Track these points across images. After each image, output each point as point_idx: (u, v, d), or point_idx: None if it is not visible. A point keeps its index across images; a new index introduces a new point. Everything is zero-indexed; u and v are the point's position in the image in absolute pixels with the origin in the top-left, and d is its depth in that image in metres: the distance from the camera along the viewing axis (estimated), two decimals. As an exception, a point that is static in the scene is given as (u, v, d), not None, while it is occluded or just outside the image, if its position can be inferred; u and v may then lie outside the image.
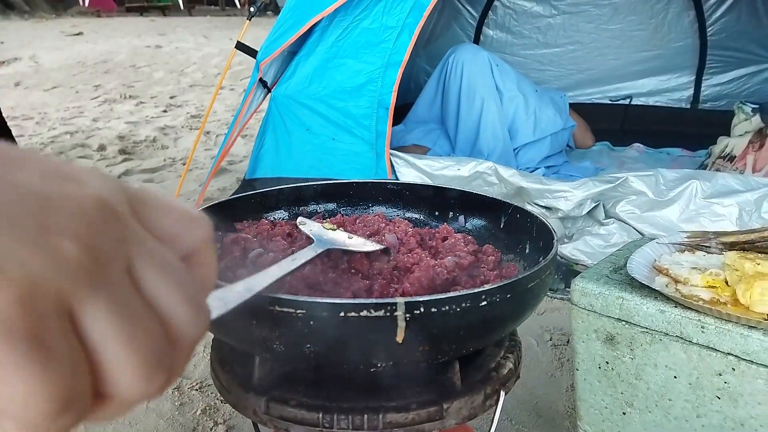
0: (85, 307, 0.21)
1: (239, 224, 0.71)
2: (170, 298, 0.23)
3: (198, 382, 1.35)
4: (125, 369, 0.21)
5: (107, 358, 0.21)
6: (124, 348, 0.21)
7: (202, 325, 0.25)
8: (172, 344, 0.24)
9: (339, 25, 2.07)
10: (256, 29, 3.12)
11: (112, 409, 0.22)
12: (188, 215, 0.26)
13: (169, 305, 0.23)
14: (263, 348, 0.46)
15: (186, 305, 0.24)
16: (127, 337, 0.21)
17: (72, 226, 0.21)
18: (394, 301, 0.42)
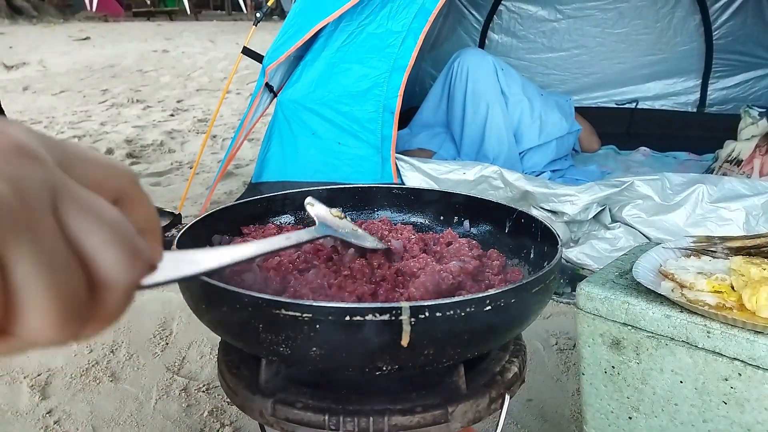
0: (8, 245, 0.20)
1: (246, 228, 0.72)
2: (97, 241, 0.23)
3: (205, 384, 1.36)
4: (37, 315, 0.21)
5: (22, 300, 0.21)
6: (40, 294, 0.21)
7: (138, 269, 0.25)
8: (100, 288, 0.24)
9: (344, 30, 2.08)
10: (262, 34, 3.14)
11: (13, 346, 0.22)
12: (111, 163, 0.26)
13: (96, 248, 0.23)
14: (270, 351, 0.47)
15: (116, 247, 0.24)
16: (44, 284, 0.21)
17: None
18: (399, 305, 0.43)
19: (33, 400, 1.31)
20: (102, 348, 1.51)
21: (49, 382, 1.38)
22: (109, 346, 1.52)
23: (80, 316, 0.23)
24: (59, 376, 1.40)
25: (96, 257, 0.23)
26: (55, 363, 1.45)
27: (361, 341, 0.44)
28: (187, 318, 1.65)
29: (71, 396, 1.33)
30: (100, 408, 1.29)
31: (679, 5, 2.98)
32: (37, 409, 1.28)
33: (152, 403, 1.30)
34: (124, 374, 1.41)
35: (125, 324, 1.63)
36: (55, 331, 0.22)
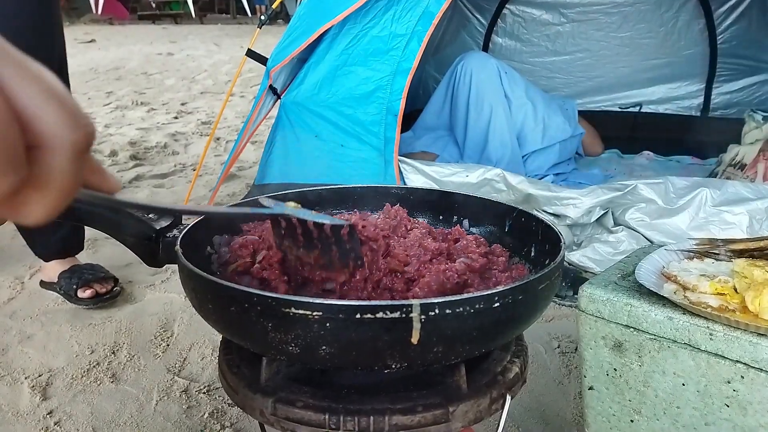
0: None
1: (246, 225, 0.72)
2: (32, 94, 0.24)
3: (206, 386, 1.36)
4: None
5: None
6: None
7: (82, 131, 0.25)
8: (42, 147, 0.24)
9: (349, 33, 2.08)
10: (266, 37, 3.15)
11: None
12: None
13: (32, 101, 0.24)
14: (279, 351, 0.47)
15: (53, 104, 0.24)
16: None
17: None
18: (410, 302, 0.43)
19: (34, 401, 1.31)
20: (103, 349, 1.51)
21: (49, 382, 1.38)
22: (110, 347, 1.52)
23: (16, 170, 0.23)
24: (60, 376, 1.40)
25: (33, 112, 0.24)
26: (56, 364, 1.45)
27: (371, 339, 0.44)
28: (189, 319, 1.65)
29: (72, 397, 1.33)
30: (101, 409, 1.29)
31: (684, 9, 2.98)
32: (37, 410, 1.28)
33: (153, 405, 1.30)
34: (125, 375, 1.41)
35: (126, 325, 1.63)
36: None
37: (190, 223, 0.63)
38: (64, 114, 0.25)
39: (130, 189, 2.82)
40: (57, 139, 0.24)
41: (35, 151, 0.24)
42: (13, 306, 1.74)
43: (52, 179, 0.25)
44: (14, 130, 0.23)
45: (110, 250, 1.95)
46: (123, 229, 0.61)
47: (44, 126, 0.24)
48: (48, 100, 0.24)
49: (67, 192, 0.26)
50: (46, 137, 0.24)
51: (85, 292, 1.68)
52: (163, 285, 1.85)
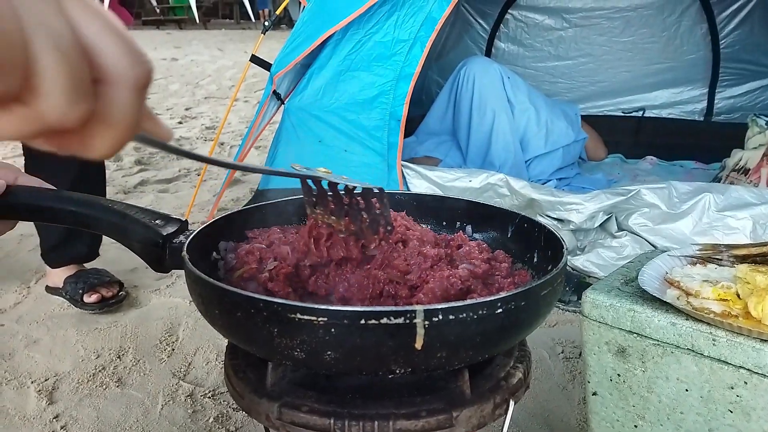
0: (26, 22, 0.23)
1: (251, 233, 0.72)
2: (98, 31, 0.26)
3: (211, 390, 1.37)
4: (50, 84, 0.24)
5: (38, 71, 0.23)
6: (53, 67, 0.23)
7: (142, 68, 0.27)
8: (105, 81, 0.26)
9: (352, 38, 2.09)
10: (269, 42, 3.16)
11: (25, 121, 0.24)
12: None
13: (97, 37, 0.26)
14: (285, 356, 0.47)
15: (117, 42, 0.26)
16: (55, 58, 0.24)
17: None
18: (414, 308, 0.44)
19: (40, 405, 1.32)
20: (109, 353, 1.52)
21: (56, 387, 1.39)
22: (116, 351, 1.53)
23: (86, 99, 0.25)
24: (66, 381, 1.41)
25: (98, 46, 0.26)
26: (62, 368, 1.46)
27: (376, 344, 0.44)
28: (194, 324, 1.66)
29: (78, 401, 1.33)
30: (107, 413, 1.29)
31: (686, 14, 2.99)
32: (44, 414, 1.29)
33: (158, 409, 1.31)
34: (131, 380, 1.42)
35: (132, 330, 1.64)
36: (65, 102, 0.24)
37: (196, 229, 0.64)
38: (126, 50, 0.26)
39: (135, 194, 2.83)
40: (120, 74, 0.26)
41: (99, 85, 0.26)
42: (20, 310, 1.75)
43: (116, 112, 0.26)
44: (83, 61, 0.25)
45: (115, 254, 1.96)
46: (130, 235, 0.62)
47: (108, 60, 0.26)
48: (111, 35, 0.26)
49: (130, 127, 0.28)
50: (110, 71, 0.26)
51: (91, 296, 1.69)
52: (168, 290, 1.85)
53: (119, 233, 0.61)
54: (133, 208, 0.64)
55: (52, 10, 0.24)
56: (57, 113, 0.24)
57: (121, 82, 0.26)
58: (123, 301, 1.75)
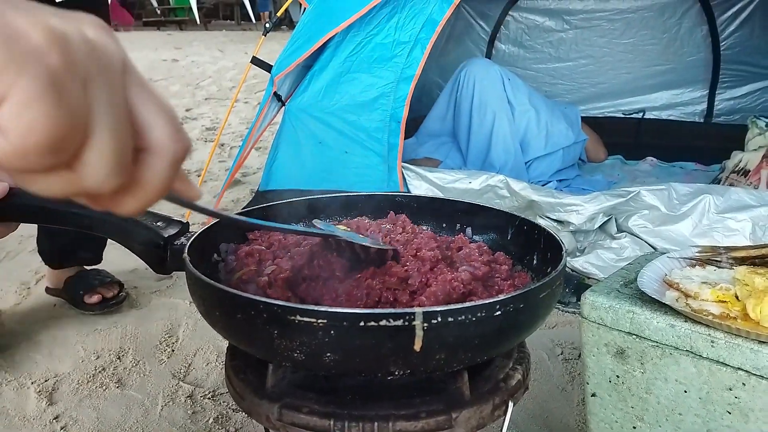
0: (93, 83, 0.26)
1: (252, 234, 0.73)
2: (151, 110, 0.29)
3: (210, 391, 1.37)
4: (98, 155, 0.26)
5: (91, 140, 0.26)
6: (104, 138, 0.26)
7: (182, 144, 0.31)
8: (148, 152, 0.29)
9: (353, 40, 2.10)
10: (270, 43, 3.17)
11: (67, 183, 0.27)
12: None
13: (150, 115, 0.29)
14: (285, 357, 0.48)
15: (165, 120, 0.30)
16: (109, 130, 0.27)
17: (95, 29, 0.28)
18: (413, 311, 0.44)
19: (40, 406, 1.32)
20: (109, 354, 1.53)
21: (56, 387, 1.39)
22: (116, 352, 1.54)
23: (126, 169, 0.28)
24: (66, 381, 1.41)
25: (149, 123, 0.29)
26: (62, 369, 1.46)
27: (375, 346, 0.45)
28: (193, 325, 1.66)
29: (78, 402, 1.34)
30: (107, 414, 1.29)
31: (687, 16, 2.99)
32: (44, 415, 1.29)
33: (158, 410, 1.31)
34: (131, 380, 1.42)
35: (132, 331, 1.64)
36: (107, 174, 0.27)
37: (197, 231, 0.64)
38: (172, 127, 0.30)
39: (136, 195, 2.83)
40: (163, 147, 0.30)
41: (142, 153, 0.30)
42: (20, 311, 1.75)
43: (152, 180, 0.30)
44: (130, 138, 0.28)
45: (115, 255, 1.96)
46: (132, 237, 0.62)
47: (156, 136, 0.29)
48: (161, 114, 0.30)
49: (161, 193, 0.31)
50: (154, 144, 0.29)
51: (92, 297, 1.70)
52: (168, 291, 1.86)
53: (121, 235, 0.61)
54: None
55: (119, 96, 0.28)
56: (96, 182, 0.27)
57: (164, 154, 0.30)
58: (123, 302, 1.75)
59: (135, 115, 0.29)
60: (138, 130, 0.29)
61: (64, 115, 0.24)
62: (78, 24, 0.27)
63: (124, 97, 0.28)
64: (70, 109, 0.25)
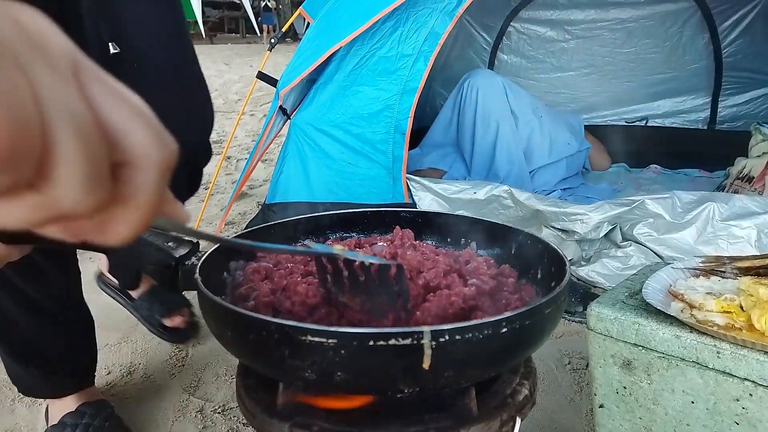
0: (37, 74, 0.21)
1: (261, 252, 0.74)
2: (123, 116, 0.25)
3: (221, 406, 1.38)
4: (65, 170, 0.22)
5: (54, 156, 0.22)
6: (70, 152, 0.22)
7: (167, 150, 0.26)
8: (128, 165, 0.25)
9: (356, 53, 2.12)
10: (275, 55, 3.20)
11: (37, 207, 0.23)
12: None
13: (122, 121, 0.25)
14: (296, 377, 0.49)
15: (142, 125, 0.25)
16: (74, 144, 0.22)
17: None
18: (421, 329, 0.45)
19: (52, 421, 1.33)
20: (119, 369, 1.54)
21: (68, 403, 1.40)
22: (127, 367, 1.55)
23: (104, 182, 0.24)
24: (78, 397, 1.42)
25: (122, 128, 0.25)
26: (73, 384, 1.47)
27: (384, 365, 0.46)
28: (203, 339, 1.67)
29: (90, 417, 1.34)
30: (118, 429, 1.30)
31: (688, 24, 3.01)
32: (56, 430, 1.30)
33: (169, 425, 1.32)
34: (141, 396, 1.43)
35: (142, 346, 1.65)
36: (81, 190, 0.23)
37: (207, 250, 0.65)
38: (151, 133, 0.26)
39: (143, 209, 2.85)
40: (145, 157, 0.25)
41: (122, 168, 0.25)
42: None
43: (139, 195, 0.26)
44: (102, 146, 0.24)
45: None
46: (144, 258, 0.64)
47: (133, 143, 0.25)
48: (136, 118, 0.25)
49: (151, 210, 0.27)
50: (134, 154, 0.25)
51: (174, 320, 1.58)
52: (176, 305, 1.87)
53: (134, 256, 0.63)
54: (146, 231, 0.66)
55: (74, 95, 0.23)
56: (71, 201, 0.23)
57: (146, 164, 0.26)
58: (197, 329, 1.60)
59: (104, 120, 0.24)
60: (111, 139, 0.24)
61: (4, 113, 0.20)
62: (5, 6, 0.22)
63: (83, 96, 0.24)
64: (10, 104, 0.20)
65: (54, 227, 0.26)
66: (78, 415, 1.21)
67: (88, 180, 0.23)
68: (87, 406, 1.23)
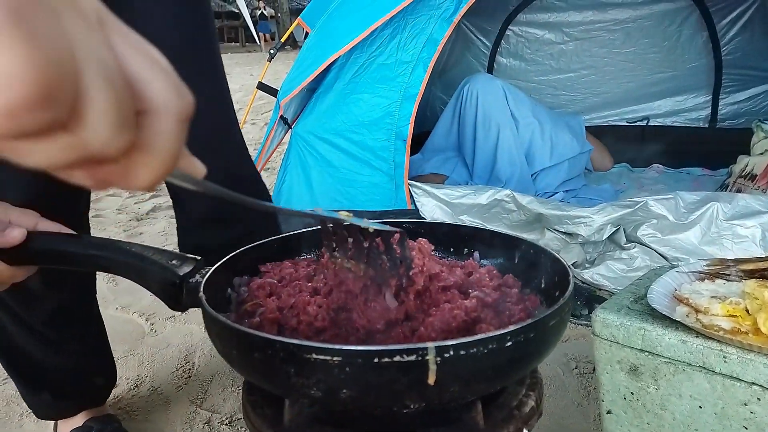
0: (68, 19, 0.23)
1: (263, 266, 0.74)
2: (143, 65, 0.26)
3: (228, 417, 1.38)
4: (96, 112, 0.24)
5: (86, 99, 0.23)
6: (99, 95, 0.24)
7: (185, 100, 0.28)
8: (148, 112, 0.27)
9: (356, 62, 2.13)
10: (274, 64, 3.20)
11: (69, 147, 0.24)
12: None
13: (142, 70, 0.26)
14: (301, 394, 0.49)
15: (160, 74, 0.27)
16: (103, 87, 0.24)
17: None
18: (425, 345, 0.45)
19: (61, 437, 1.33)
20: (126, 382, 1.54)
21: (76, 418, 1.40)
22: (134, 380, 1.55)
23: (129, 129, 0.25)
24: (86, 411, 1.42)
25: (144, 77, 0.26)
26: (81, 399, 1.48)
27: (390, 381, 0.46)
28: (209, 351, 1.67)
29: (98, 431, 1.35)
30: (126, 443, 1.30)
31: (686, 23, 3.01)
32: (64, 446, 1.30)
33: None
34: (148, 408, 1.43)
35: (148, 358, 1.65)
36: (111, 131, 0.24)
37: (211, 268, 0.66)
38: (170, 82, 0.27)
39: (148, 221, 2.87)
40: (164, 105, 0.27)
41: (143, 116, 0.27)
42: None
43: (159, 142, 0.27)
44: (129, 92, 0.26)
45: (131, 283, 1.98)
46: (148, 276, 0.64)
47: (153, 92, 0.27)
48: (155, 68, 0.27)
49: (171, 158, 0.28)
50: (155, 102, 0.27)
51: None
52: (183, 317, 1.88)
53: (138, 275, 0.63)
54: (150, 249, 0.66)
55: (101, 43, 0.25)
56: (101, 142, 0.25)
57: (165, 113, 0.27)
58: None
59: (126, 69, 0.26)
60: (134, 87, 0.26)
61: (43, 55, 0.21)
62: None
63: (108, 44, 0.25)
64: (48, 46, 0.21)
65: (81, 172, 0.27)
66: (85, 430, 1.20)
67: (117, 123, 0.24)
68: (94, 421, 1.22)
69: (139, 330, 1.81)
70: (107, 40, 0.25)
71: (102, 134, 0.24)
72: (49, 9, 0.22)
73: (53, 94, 0.22)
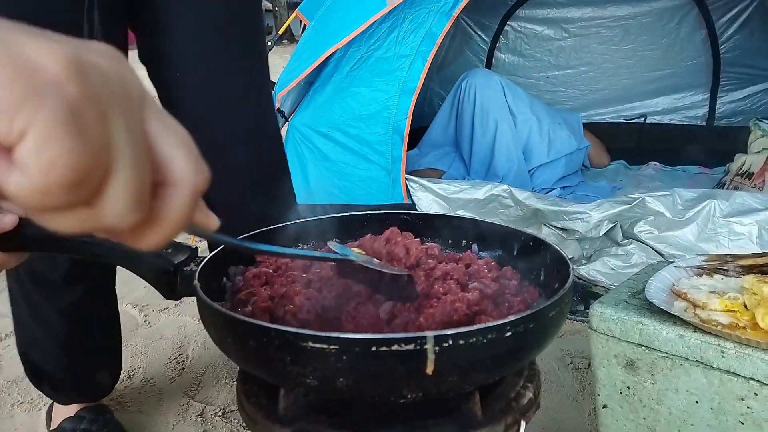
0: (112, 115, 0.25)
1: (260, 257, 0.73)
2: (171, 144, 0.29)
3: (221, 409, 1.37)
4: (117, 191, 0.26)
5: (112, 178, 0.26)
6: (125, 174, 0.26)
7: (202, 176, 0.30)
8: (168, 185, 0.29)
9: (354, 55, 2.12)
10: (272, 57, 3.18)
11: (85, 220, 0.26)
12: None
13: (170, 149, 0.29)
14: (298, 383, 0.48)
15: (186, 153, 0.29)
16: (130, 165, 0.26)
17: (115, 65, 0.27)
18: (424, 335, 0.44)
19: (53, 428, 1.32)
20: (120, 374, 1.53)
21: (68, 409, 1.39)
22: (127, 372, 1.54)
23: (145, 204, 0.28)
24: (78, 403, 1.41)
25: (169, 155, 0.29)
26: (74, 390, 1.47)
27: (387, 371, 0.45)
28: (203, 342, 1.66)
29: (90, 423, 1.34)
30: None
31: (685, 21, 3.00)
32: (56, 437, 1.29)
33: (169, 429, 1.31)
34: (141, 399, 1.42)
35: (142, 350, 1.64)
36: (126, 211, 0.27)
37: (206, 256, 0.65)
38: (192, 160, 0.30)
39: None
40: (184, 181, 0.29)
41: (161, 187, 0.29)
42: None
43: (172, 213, 0.29)
44: (149, 171, 0.28)
45: (126, 274, 1.97)
46: (142, 264, 0.63)
47: (176, 169, 0.29)
48: (181, 146, 0.29)
49: (181, 225, 0.30)
50: (175, 177, 0.29)
51: None
52: (177, 308, 1.86)
53: (132, 263, 0.62)
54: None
55: (138, 130, 0.27)
56: (115, 219, 0.27)
57: (184, 187, 0.29)
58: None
59: (154, 148, 0.29)
60: (158, 164, 0.29)
61: (85, 150, 0.24)
62: (93, 53, 0.26)
63: (143, 129, 0.28)
64: (91, 142, 0.24)
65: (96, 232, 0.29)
66: (77, 420, 1.19)
67: (134, 201, 0.27)
68: (86, 411, 1.22)
69: (132, 321, 1.80)
70: (143, 122, 0.28)
71: (119, 211, 0.26)
72: (99, 111, 0.25)
73: (84, 181, 0.24)
